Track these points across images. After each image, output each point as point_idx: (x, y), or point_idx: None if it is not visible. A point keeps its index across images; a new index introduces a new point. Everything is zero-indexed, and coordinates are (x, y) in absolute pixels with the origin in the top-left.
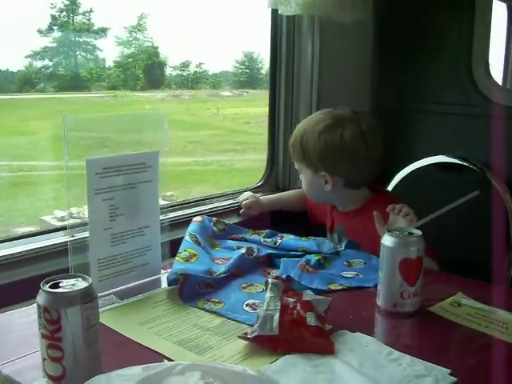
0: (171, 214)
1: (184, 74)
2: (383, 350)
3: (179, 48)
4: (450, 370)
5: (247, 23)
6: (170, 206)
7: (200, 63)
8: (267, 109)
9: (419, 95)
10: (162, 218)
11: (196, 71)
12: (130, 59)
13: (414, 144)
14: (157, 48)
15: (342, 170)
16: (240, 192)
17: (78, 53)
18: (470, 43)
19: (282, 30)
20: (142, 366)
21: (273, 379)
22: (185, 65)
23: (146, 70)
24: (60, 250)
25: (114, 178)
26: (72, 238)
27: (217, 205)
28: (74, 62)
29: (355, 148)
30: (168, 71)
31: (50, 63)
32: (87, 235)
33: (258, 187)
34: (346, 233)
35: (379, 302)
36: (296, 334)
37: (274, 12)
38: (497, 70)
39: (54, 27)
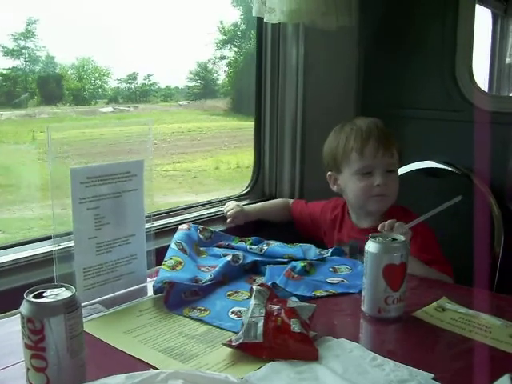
0: (157, 223)
1: (132, 86)
2: (367, 355)
3: (126, 59)
4: (433, 375)
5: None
6: (156, 215)
7: (148, 75)
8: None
9: (404, 101)
10: (147, 226)
11: (144, 83)
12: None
13: None
14: (53, 58)
15: None
16: (226, 199)
17: None
18: (453, 50)
19: (267, 38)
20: (125, 374)
21: None
22: (132, 77)
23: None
24: (45, 260)
25: (98, 187)
26: (57, 248)
27: (202, 212)
28: None
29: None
30: (114, 83)
31: None
32: (72, 244)
33: (244, 194)
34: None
35: (364, 307)
36: (280, 341)
37: (260, 20)
38: (482, 77)
39: None
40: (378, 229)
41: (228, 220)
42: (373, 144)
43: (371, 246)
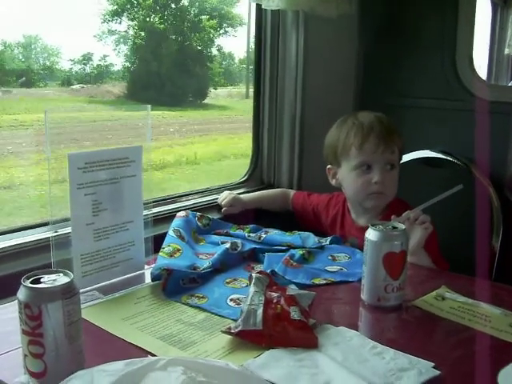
0: (155, 210)
1: (87, 68)
2: (367, 343)
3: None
4: (433, 363)
5: None
6: (154, 201)
7: (104, 55)
8: None
9: (403, 90)
10: (145, 213)
11: (100, 65)
12: None
13: None
14: None
15: None
16: (225, 187)
17: None
18: (454, 38)
19: (267, 25)
20: (124, 361)
21: (255, 374)
22: (86, 57)
23: None
24: (42, 246)
25: (96, 172)
26: (54, 234)
27: (200, 200)
28: None
29: None
30: (66, 65)
31: None
32: (70, 231)
33: (242, 182)
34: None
35: (363, 296)
36: (280, 329)
37: (259, 6)
38: (481, 67)
39: None
40: (404, 216)
41: (223, 210)
42: (373, 140)
43: (371, 234)
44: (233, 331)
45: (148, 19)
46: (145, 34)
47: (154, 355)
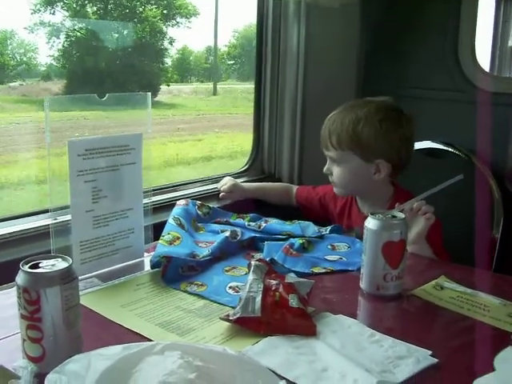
0: (154, 198)
1: None
2: (365, 331)
3: None
4: (431, 352)
5: None
6: (154, 190)
7: (34, 49)
8: None
9: (405, 81)
10: (145, 201)
11: (29, 61)
12: None
13: None
14: None
15: (395, 155)
16: (225, 176)
17: None
18: (456, 29)
19: (268, 14)
20: (122, 345)
21: (252, 359)
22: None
23: None
24: (42, 233)
25: (96, 159)
26: (54, 221)
27: (201, 189)
28: None
29: (408, 132)
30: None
31: None
32: (69, 218)
33: (243, 171)
34: None
35: (362, 284)
36: (278, 316)
37: None
38: (484, 59)
39: None
40: (405, 208)
41: (221, 195)
42: (322, 132)
43: (371, 223)
44: (231, 318)
45: (80, 9)
46: (81, 26)
47: (151, 341)
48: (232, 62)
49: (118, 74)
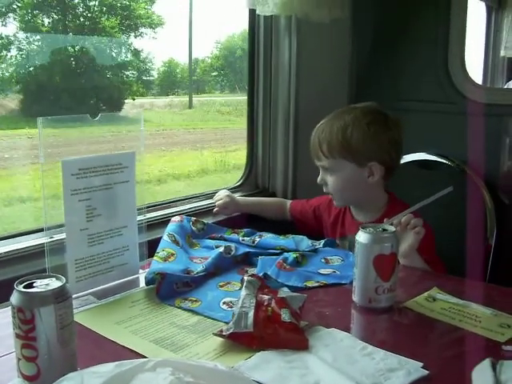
0: (149, 215)
1: None
2: (357, 344)
3: None
4: (422, 363)
5: None
6: (148, 207)
7: None
8: None
9: (397, 93)
10: (139, 218)
11: None
12: None
13: None
14: None
15: (386, 157)
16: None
17: None
18: (446, 42)
19: (260, 30)
20: (115, 362)
21: (244, 375)
22: None
23: None
24: (37, 252)
25: (90, 178)
26: (49, 240)
27: (195, 205)
28: None
29: (396, 135)
30: None
31: None
32: (64, 237)
33: (237, 187)
34: None
35: (355, 297)
36: (270, 331)
37: (252, 12)
38: (476, 70)
39: None
40: (394, 223)
41: (215, 210)
42: (312, 142)
43: (362, 237)
44: (224, 333)
45: (32, 20)
46: (34, 38)
47: (145, 357)
48: (215, 73)
49: (74, 88)
